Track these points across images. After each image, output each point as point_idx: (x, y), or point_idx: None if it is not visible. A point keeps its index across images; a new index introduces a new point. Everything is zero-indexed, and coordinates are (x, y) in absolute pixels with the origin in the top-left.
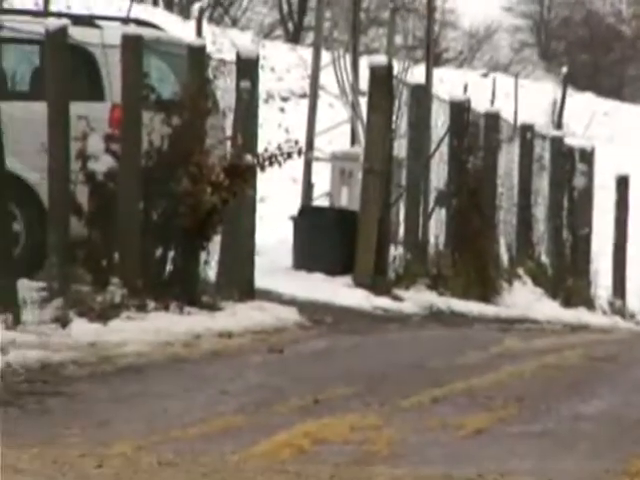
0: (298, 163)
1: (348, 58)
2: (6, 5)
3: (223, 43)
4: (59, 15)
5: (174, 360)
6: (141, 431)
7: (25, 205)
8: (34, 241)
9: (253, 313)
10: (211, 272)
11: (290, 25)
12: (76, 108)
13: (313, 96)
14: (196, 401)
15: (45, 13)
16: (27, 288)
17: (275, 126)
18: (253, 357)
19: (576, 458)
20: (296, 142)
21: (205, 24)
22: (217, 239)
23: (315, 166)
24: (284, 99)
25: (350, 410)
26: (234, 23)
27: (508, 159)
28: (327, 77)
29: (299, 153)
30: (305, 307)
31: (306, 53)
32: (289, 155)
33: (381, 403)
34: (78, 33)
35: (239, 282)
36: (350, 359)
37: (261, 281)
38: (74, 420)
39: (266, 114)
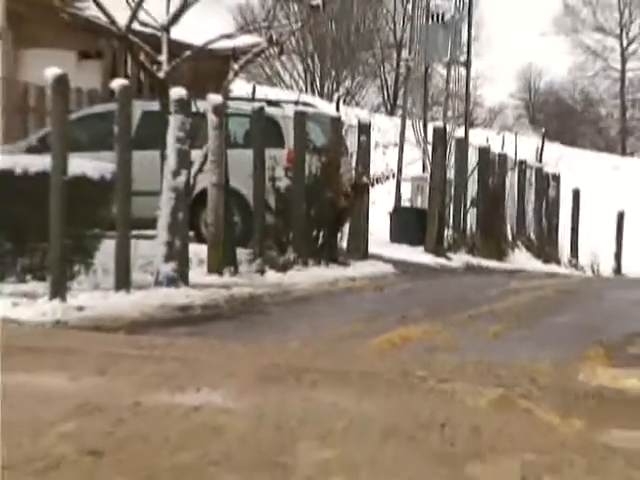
0: (392, 182)
1: (421, 123)
2: (231, 95)
3: (351, 115)
4: (259, 100)
5: (324, 294)
6: (306, 334)
7: (240, 207)
8: (245, 227)
9: (367, 267)
10: (344, 244)
11: (388, 105)
12: (268, 152)
13: (401, 145)
14: (337, 317)
15: (252, 99)
16: (242, 253)
17: (380, 162)
18: (367, 293)
19: (555, 349)
20: (391, 170)
21: (341, 104)
22: (347, 225)
23: (402, 184)
24: (385, 146)
25: (423, 322)
26: (357, 104)
27: (512, 180)
28: (409, 134)
29: (393, 176)
30: (396, 264)
31: (397, 120)
32: (387, 178)
33: (441, 318)
34: (270, 110)
35: (359, 249)
36: (423, 293)
37: (371, 249)
38: (269, 328)
39: (374, 155)
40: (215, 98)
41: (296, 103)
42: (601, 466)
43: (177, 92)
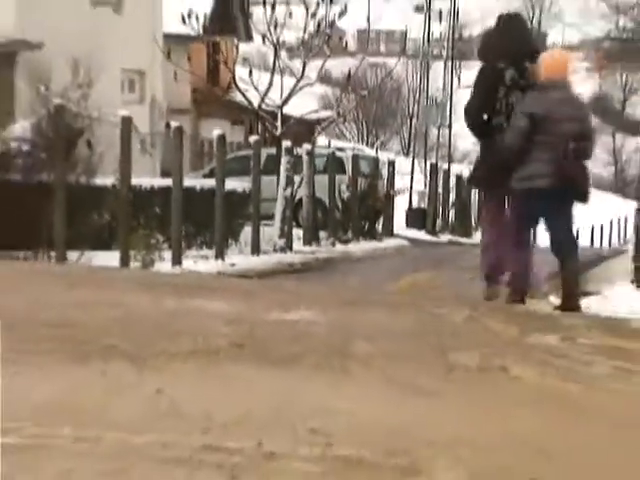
0: (407, 194)
1: (423, 161)
2: (316, 144)
3: (384, 156)
4: (331, 147)
5: (369, 257)
6: (359, 280)
7: (321, 207)
8: (324, 219)
9: (392, 241)
10: (379, 228)
11: (405, 150)
12: (337, 177)
13: (412, 173)
14: (376, 269)
15: (328, 147)
16: (322, 234)
17: (400, 182)
18: (394, 257)
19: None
20: (406, 187)
21: (378, 150)
22: (381, 218)
23: (413, 195)
24: (403, 174)
25: (426, 272)
26: (387, 149)
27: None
28: (416, 167)
29: (406, 190)
30: (409, 240)
31: (409, 159)
32: (404, 191)
33: (437, 270)
34: (338, 153)
35: (388, 231)
36: (427, 255)
37: (395, 231)
38: (338, 276)
39: (397, 178)
40: (307, 146)
41: (353, 149)
42: (527, 354)
43: (286, 143)
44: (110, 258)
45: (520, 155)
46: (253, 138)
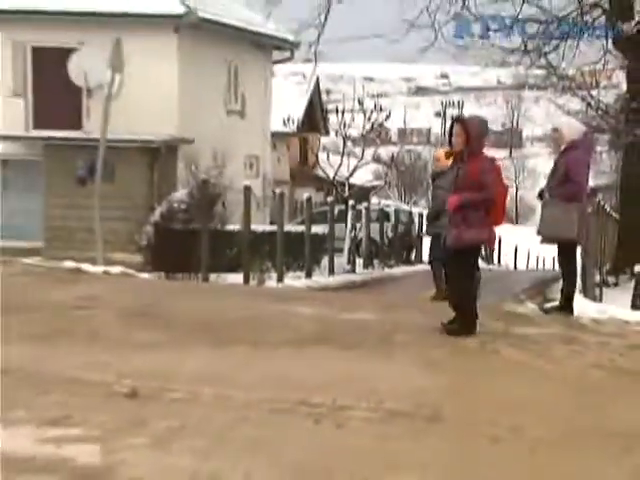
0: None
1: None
2: (371, 203)
3: (415, 210)
4: (381, 204)
5: (405, 276)
6: (398, 291)
7: (374, 244)
8: (376, 250)
9: (422, 266)
10: (412, 257)
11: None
12: (385, 224)
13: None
14: (409, 285)
15: (378, 204)
16: (375, 261)
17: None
18: (423, 277)
19: (494, 296)
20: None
21: (411, 206)
22: (414, 250)
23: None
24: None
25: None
26: (417, 205)
27: None
28: None
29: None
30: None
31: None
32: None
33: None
34: (385, 208)
35: (419, 259)
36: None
37: (424, 259)
38: (385, 289)
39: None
40: (365, 204)
41: (395, 206)
42: (511, 341)
43: (350, 202)
44: (237, 278)
45: (436, 214)
46: (329, 199)
